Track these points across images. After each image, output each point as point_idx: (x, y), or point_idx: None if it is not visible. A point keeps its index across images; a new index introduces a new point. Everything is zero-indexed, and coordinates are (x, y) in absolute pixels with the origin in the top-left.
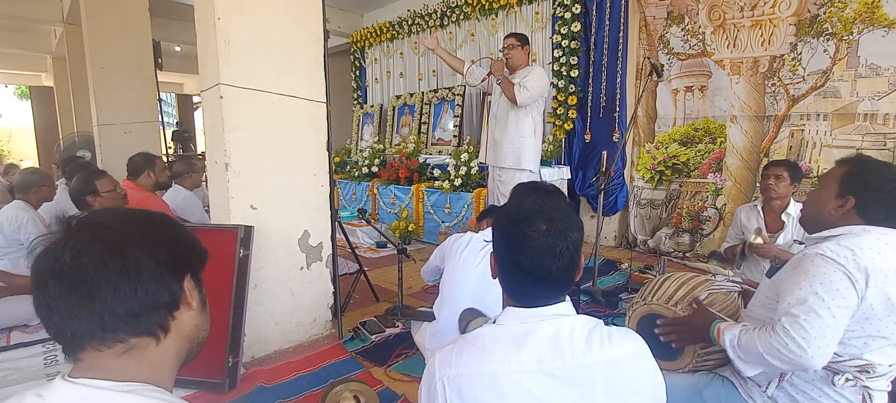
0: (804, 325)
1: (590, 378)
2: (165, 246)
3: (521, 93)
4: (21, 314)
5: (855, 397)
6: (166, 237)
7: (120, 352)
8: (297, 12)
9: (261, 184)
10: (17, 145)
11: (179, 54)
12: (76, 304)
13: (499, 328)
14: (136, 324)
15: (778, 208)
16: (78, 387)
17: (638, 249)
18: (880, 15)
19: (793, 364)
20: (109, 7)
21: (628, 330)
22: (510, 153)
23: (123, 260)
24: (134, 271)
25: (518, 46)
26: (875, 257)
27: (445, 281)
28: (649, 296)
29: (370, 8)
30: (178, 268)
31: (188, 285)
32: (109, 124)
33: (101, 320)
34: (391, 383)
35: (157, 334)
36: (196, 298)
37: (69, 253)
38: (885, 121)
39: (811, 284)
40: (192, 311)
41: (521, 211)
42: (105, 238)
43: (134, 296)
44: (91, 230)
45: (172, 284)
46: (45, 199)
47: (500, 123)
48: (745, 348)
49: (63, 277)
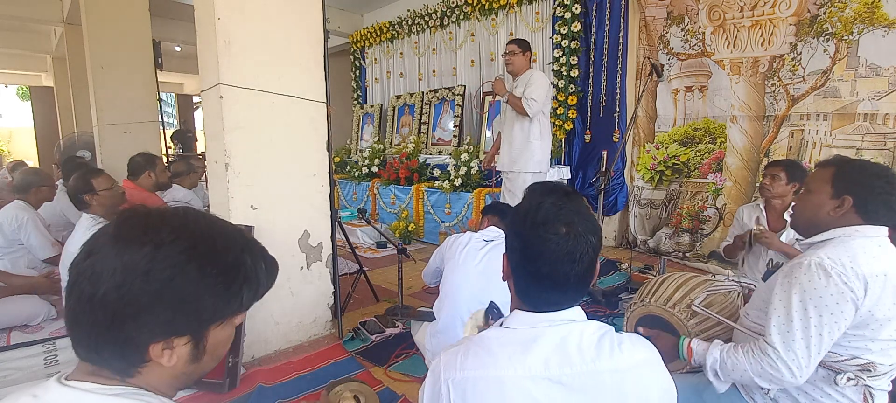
0: (796, 350)
1: (599, 385)
2: (171, 304)
3: (531, 106)
4: (21, 314)
5: (856, 396)
6: (178, 297)
7: (87, 372)
8: (297, 12)
9: (261, 184)
10: (18, 145)
11: (179, 54)
12: (73, 318)
13: (506, 331)
14: (103, 358)
15: (779, 207)
16: (70, 391)
17: (638, 249)
18: (880, 15)
19: (781, 384)
20: (109, 7)
21: (639, 337)
22: (518, 157)
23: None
24: (123, 320)
25: (519, 53)
26: (870, 261)
27: (445, 282)
28: (647, 298)
29: (370, 8)
30: (167, 332)
31: (170, 350)
32: (109, 124)
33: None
34: (391, 383)
35: (116, 372)
36: (183, 353)
37: (76, 278)
38: (885, 121)
39: (803, 301)
40: (174, 363)
41: (540, 215)
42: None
43: (115, 339)
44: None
45: (150, 339)
46: (45, 199)
47: (507, 130)
48: (730, 371)
49: (79, 301)
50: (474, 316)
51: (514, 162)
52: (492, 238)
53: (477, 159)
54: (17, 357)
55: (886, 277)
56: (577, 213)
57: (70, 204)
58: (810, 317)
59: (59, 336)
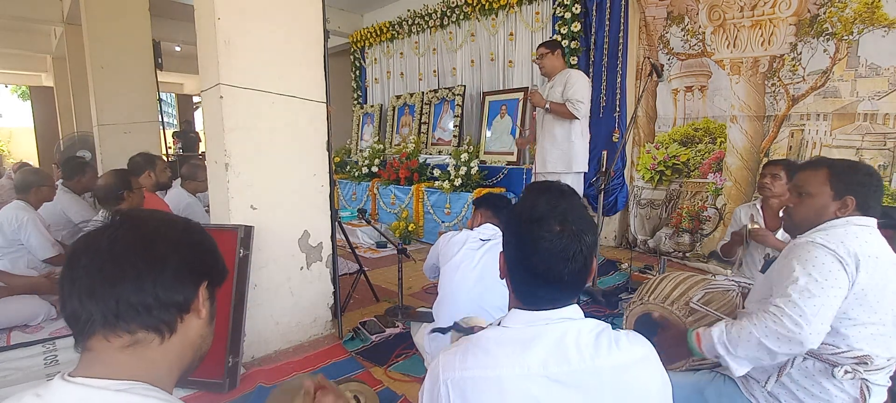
0: (799, 303)
1: (597, 383)
2: (192, 251)
3: (579, 109)
4: (21, 314)
5: (853, 390)
6: (194, 243)
7: (124, 345)
8: (297, 12)
9: (261, 184)
10: (18, 145)
11: (179, 54)
12: (99, 284)
13: (504, 330)
14: (146, 317)
15: (776, 206)
16: (75, 387)
17: (638, 249)
18: (880, 15)
19: (790, 343)
20: (109, 7)
21: (636, 334)
22: (561, 159)
23: (152, 254)
24: (158, 266)
25: (549, 53)
26: (863, 244)
27: (443, 284)
28: (646, 296)
29: (370, 8)
30: (198, 275)
31: (203, 294)
32: (109, 124)
33: (115, 306)
34: (391, 383)
35: (162, 332)
36: (206, 308)
37: (107, 238)
38: (885, 121)
39: (804, 267)
40: (200, 321)
41: (535, 212)
42: (141, 230)
43: (152, 290)
44: (131, 222)
45: (189, 288)
46: (46, 199)
47: (548, 131)
48: (737, 340)
49: (95, 256)
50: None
51: (558, 163)
52: (488, 236)
53: (477, 159)
54: (17, 357)
55: (878, 259)
56: (572, 212)
57: (70, 204)
58: (814, 277)
59: (59, 336)
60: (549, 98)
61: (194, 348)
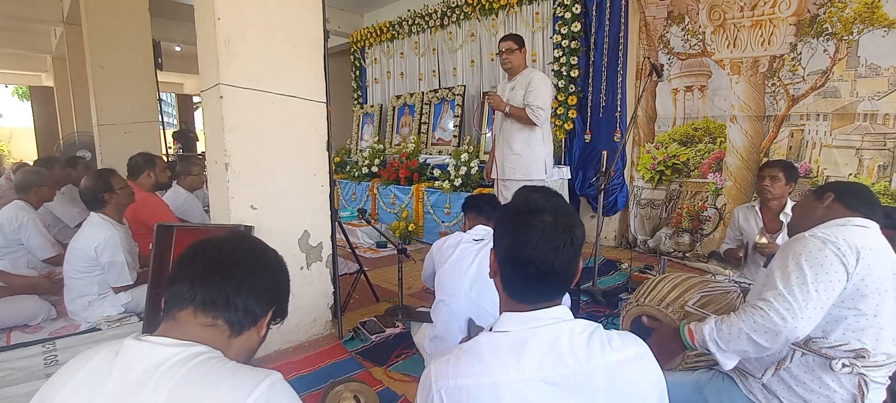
0: (787, 296)
1: (592, 383)
2: (278, 283)
3: (539, 116)
4: (21, 314)
5: (851, 385)
6: (281, 280)
7: (205, 324)
8: (297, 12)
9: (261, 184)
10: (18, 145)
11: (179, 54)
12: (213, 274)
13: (496, 335)
14: (232, 313)
15: (775, 208)
16: (148, 345)
17: (638, 249)
18: (880, 15)
19: (776, 337)
20: (109, 7)
21: (628, 333)
22: (520, 166)
23: (257, 270)
24: (256, 280)
25: (516, 50)
26: (863, 240)
27: (439, 287)
28: (642, 297)
29: (370, 8)
30: (272, 301)
31: (269, 317)
32: (109, 124)
33: (216, 295)
34: (391, 383)
35: (235, 329)
36: (265, 330)
37: (229, 245)
38: (885, 121)
39: (797, 260)
40: (258, 337)
41: (529, 204)
42: (257, 249)
43: (246, 294)
44: (249, 241)
45: (264, 307)
46: (46, 199)
47: (506, 136)
48: (726, 335)
49: (216, 254)
50: None
51: (516, 169)
52: (481, 236)
53: (477, 159)
54: (16, 357)
55: (879, 252)
56: (563, 208)
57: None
58: (805, 271)
59: (59, 336)
60: (510, 101)
61: (243, 356)
